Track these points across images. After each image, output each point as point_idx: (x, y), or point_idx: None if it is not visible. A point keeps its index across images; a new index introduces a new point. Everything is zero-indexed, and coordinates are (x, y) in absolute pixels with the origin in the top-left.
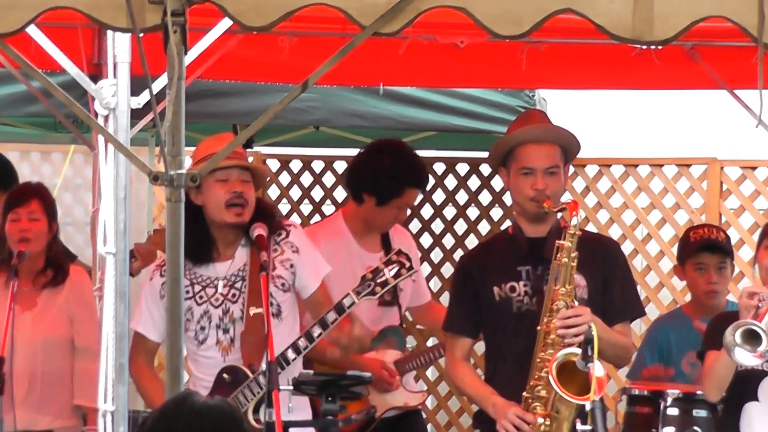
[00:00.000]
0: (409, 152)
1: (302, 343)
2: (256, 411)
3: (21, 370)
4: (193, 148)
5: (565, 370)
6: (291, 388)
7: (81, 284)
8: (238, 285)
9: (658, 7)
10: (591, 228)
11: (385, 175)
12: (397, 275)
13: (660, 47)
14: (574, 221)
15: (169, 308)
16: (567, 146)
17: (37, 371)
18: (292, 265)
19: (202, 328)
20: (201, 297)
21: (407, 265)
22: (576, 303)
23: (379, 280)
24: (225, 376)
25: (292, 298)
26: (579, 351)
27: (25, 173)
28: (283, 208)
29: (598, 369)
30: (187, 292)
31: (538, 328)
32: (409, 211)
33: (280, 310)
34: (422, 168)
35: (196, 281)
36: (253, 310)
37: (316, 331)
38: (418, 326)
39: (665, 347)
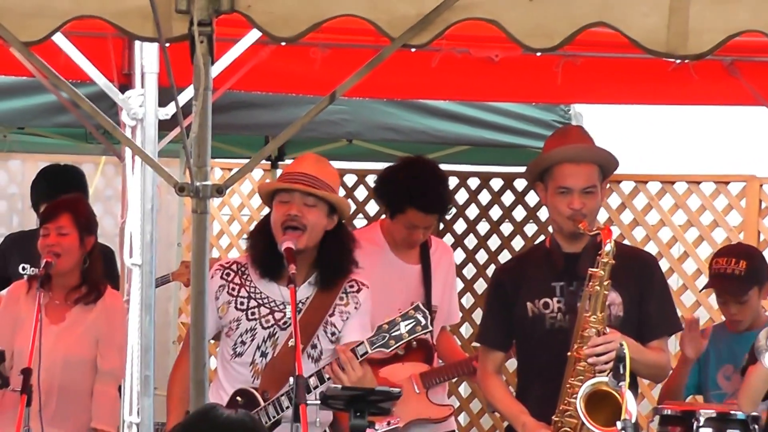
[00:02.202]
0: (427, 173)
1: (313, 382)
2: None
3: (39, 383)
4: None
5: (594, 398)
6: (318, 402)
7: (113, 308)
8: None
9: (693, 21)
10: None
11: (392, 190)
12: (411, 332)
13: (695, 62)
14: (607, 248)
15: (193, 321)
16: (605, 165)
17: (53, 386)
18: (347, 318)
19: (243, 342)
20: (253, 314)
21: (423, 323)
22: (607, 330)
23: (393, 334)
24: (238, 398)
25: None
26: (607, 380)
27: None
28: None
29: (629, 400)
30: (242, 304)
31: (569, 353)
32: (442, 226)
33: (321, 356)
34: (430, 191)
35: (253, 296)
36: (291, 342)
37: (328, 373)
38: None
39: (702, 360)
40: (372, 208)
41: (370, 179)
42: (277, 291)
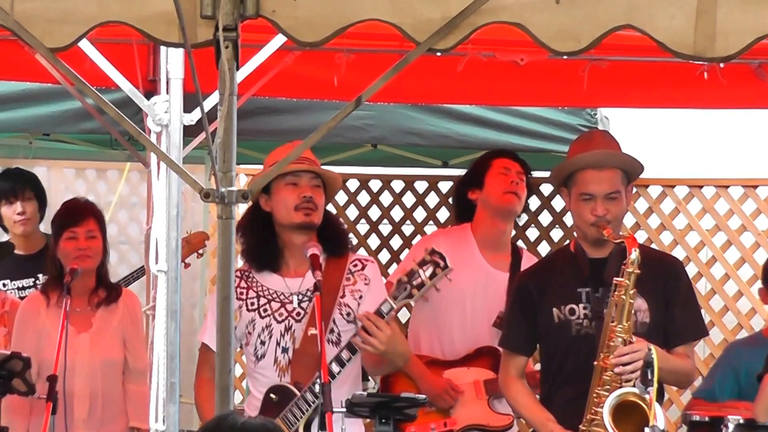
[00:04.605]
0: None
1: (345, 355)
2: (307, 429)
3: (81, 391)
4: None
5: (621, 408)
6: (344, 410)
7: (133, 306)
8: (304, 305)
9: (720, 23)
10: None
11: (474, 164)
12: (432, 275)
13: (723, 65)
14: (632, 256)
15: (219, 327)
16: (629, 169)
17: (97, 392)
18: (361, 296)
19: (262, 343)
20: (265, 310)
21: (441, 264)
22: (634, 339)
23: (414, 283)
24: (272, 396)
25: (354, 330)
26: (635, 390)
27: (80, 191)
28: None
29: (657, 408)
30: (252, 303)
31: (595, 363)
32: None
33: (340, 339)
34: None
35: (262, 294)
36: (311, 331)
37: (356, 345)
38: None
39: (742, 373)
40: (397, 213)
41: (396, 184)
42: (282, 283)
